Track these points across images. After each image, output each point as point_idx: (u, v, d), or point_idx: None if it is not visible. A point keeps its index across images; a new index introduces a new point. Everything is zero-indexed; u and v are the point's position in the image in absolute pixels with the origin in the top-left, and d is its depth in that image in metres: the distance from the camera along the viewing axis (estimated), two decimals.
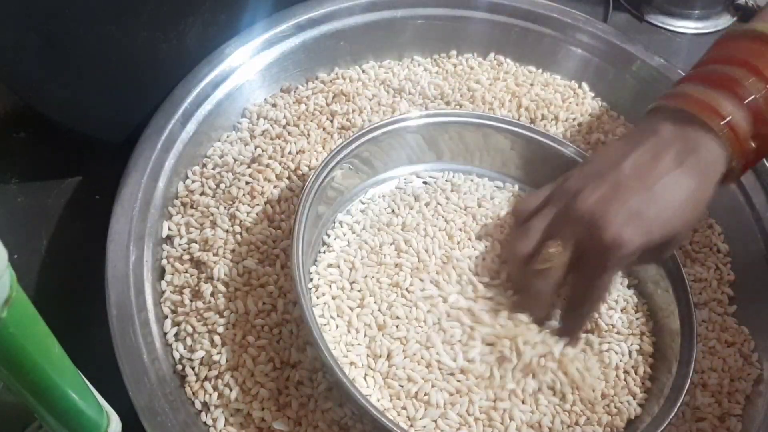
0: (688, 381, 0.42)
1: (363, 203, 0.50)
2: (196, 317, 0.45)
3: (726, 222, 0.53)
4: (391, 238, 0.47)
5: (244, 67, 0.56)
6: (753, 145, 0.40)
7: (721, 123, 0.39)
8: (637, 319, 0.47)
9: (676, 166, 0.39)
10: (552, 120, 0.58)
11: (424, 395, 0.41)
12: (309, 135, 0.54)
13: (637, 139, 0.41)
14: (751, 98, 0.39)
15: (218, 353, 0.43)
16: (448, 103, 0.58)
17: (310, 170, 0.51)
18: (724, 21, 0.72)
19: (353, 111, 0.56)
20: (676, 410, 0.41)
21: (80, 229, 0.53)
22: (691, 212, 0.40)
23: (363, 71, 0.60)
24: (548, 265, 0.40)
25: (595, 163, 0.42)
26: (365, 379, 0.42)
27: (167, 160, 0.50)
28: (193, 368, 0.43)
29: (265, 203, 0.49)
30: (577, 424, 0.42)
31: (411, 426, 0.41)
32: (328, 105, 0.56)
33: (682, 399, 0.41)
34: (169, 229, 0.49)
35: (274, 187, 0.50)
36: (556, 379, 0.42)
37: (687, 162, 0.39)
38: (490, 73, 0.61)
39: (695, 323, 0.44)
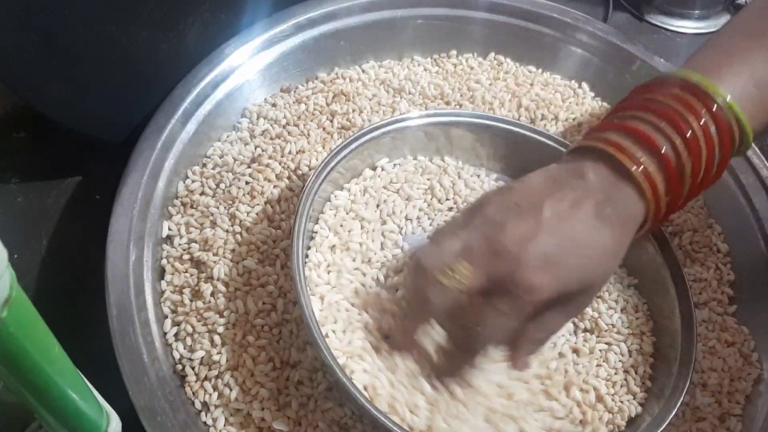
0: (688, 381, 0.42)
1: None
2: (196, 317, 0.45)
3: (726, 222, 0.53)
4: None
5: (244, 67, 0.56)
6: (666, 198, 0.39)
7: (639, 169, 0.38)
8: (637, 319, 0.47)
9: (596, 217, 0.38)
10: (552, 120, 0.58)
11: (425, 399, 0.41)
12: (309, 135, 0.54)
13: (560, 180, 0.39)
14: (664, 148, 0.38)
15: (218, 353, 0.43)
16: (448, 103, 0.58)
17: (310, 170, 0.51)
18: (724, 21, 0.72)
19: (353, 111, 0.56)
20: (675, 410, 0.41)
21: (80, 228, 0.53)
22: (608, 263, 0.39)
23: (363, 71, 0.60)
24: (451, 281, 0.37)
25: (515, 195, 0.39)
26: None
27: (167, 160, 0.50)
28: (193, 368, 0.43)
29: (265, 203, 0.49)
30: (581, 423, 0.43)
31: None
32: (328, 105, 0.56)
33: (682, 399, 0.41)
34: (169, 229, 0.49)
35: (274, 187, 0.50)
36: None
37: (606, 213, 0.38)
38: (490, 72, 0.61)
39: (695, 323, 0.44)
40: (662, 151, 0.38)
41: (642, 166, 0.38)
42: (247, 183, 0.50)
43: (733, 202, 0.53)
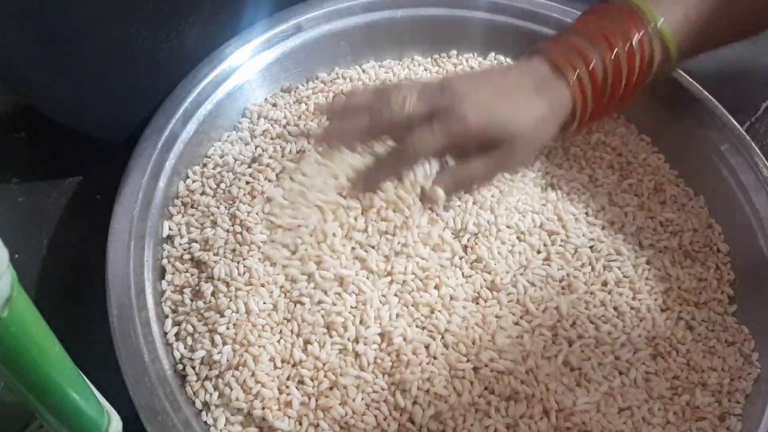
0: None
1: None
2: (196, 317, 0.45)
3: (726, 221, 0.53)
4: None
5: (245, 67, 0.56)
6: (592, 104, 0.48)
7: (573, 77, 0.47)
8: None
9: (534, 90, 0.47)
10: None
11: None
12: (309, 135, 0.54)
13: (511, 65, 0.52)
14: (593, 63, 0.47)
15: (219, 353, 0.43)
16: None
17: None
18: None
19: None
20: None
21: (81, 228, 0.53)
22: (535, 124, 0.46)
23: (363, 71, 0.60)
24: (398, 103, 0.45)
25: (472, 71, 0.55)
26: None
27: (168, 160, 0.50)
28: (193, 368, 0.43)
29: (266, 203, 0.49)
30: None
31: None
32: None
33: None
34: (170, 229, 0.49)
35: (275, 186, 0.50)
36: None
37: (542, 90, 0.47)
38: None
39: None
40: (591, 65, 0.47)
41: (576, 72, 0.47)
42: (247, 183, 0.50)
43: (733, 201, 0.53)
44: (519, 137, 0.46)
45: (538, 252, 0.49)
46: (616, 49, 0.47)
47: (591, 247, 0.49)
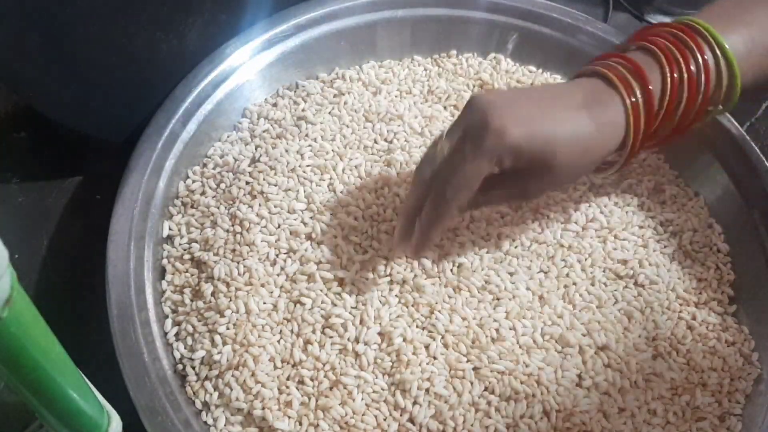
0: None
1: None
2: (196, 317, 0.45)
3: (726, 222, 0.53)
4: None
5: (245, 67, 0.56)
6: (643, 132, 0.42)
7: (631, 99, 0.41)
8: None
9: (580, 104, 0.40)
10: None
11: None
12: (309, 135, 0.54)
13: (557, 82, 0.44)
14: (652, 84, 0.41)
15: (219, 353, 0.43)
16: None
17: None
18: None
19: None
20: None
21: (81, 228, 0.53)
22: (576, 152, 0.40)
23: (363, 71, 0.60)
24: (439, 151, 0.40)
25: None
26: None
27: (168, 160, 0.50)
28: (193, 368, 0.43)
29: (266, 203, 0.49)
30: None
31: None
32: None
33: None
34: (170, 229, 0.49)
35: (275, 186, 0.50)
36: None
37: (592, 106, 0.40)
38: (490, 73, 0.61)
39: None
40: (650, 85, 0.41)
41: (632, 90, 0.41)
42: (247, 183, 0.50)
43: (733, 201, 0.53)
44: (560, 159, 0.39)
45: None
46: (676, 72, 0.41)
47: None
